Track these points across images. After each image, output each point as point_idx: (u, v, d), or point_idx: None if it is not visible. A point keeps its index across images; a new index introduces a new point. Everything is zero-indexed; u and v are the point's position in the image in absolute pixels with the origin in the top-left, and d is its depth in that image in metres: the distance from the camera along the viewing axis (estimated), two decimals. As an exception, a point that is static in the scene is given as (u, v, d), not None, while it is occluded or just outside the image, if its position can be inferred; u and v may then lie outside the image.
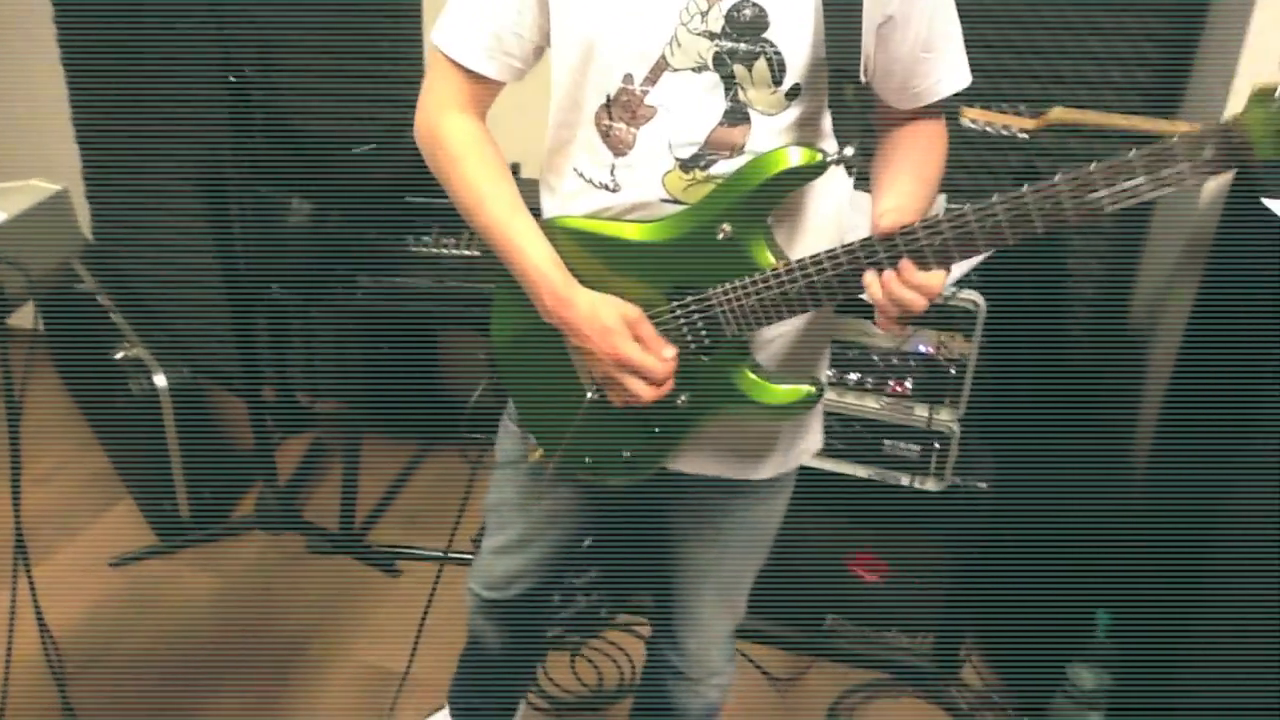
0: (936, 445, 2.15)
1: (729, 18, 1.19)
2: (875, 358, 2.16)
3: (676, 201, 1.25)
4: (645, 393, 1.27)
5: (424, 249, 2.63)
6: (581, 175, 1.31)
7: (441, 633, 2.49)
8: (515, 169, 2.66)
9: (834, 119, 1.22)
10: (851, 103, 1.20)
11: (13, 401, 1.79)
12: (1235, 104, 2.18)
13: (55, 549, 2.72)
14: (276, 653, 2.43)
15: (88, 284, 3.04)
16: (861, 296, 1.19)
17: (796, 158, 1.17)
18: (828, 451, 2.18)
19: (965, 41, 1.29)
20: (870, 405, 2.18)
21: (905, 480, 2.19)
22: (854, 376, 2.17)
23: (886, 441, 2.19)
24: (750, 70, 1.20)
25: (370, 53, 3.03)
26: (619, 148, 1.26)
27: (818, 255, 1.18)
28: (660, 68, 1.22)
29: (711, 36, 1.19)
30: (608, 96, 1.25)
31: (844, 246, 1.17)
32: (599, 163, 1.29)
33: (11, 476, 1.82)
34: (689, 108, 1.22)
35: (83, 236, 3.26)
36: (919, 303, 1.13)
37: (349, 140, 2.93)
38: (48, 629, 1.91)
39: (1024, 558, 2.32)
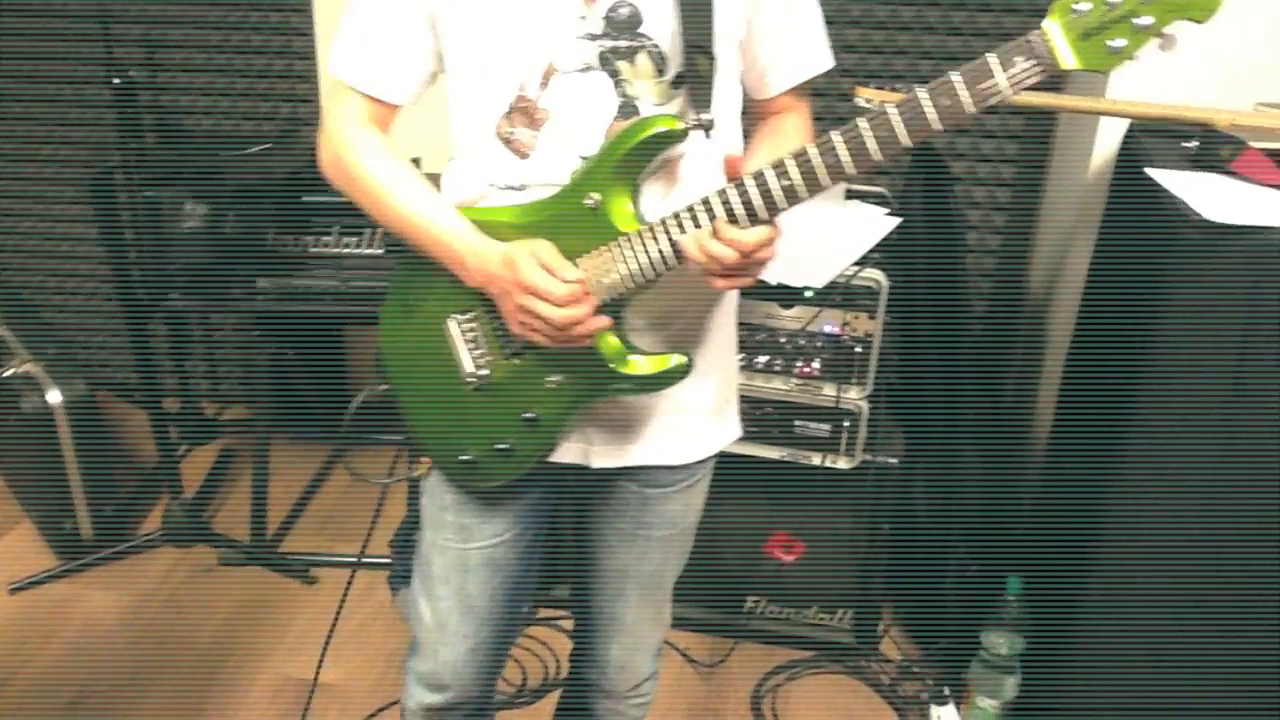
0: (846, 424, 2.18)
1: (607, 19, 1.23)
2: (783, 340, 2.17)
3: None
4: (552, 314, 1.22)
5: (326, 249, 2.58)
6: (487, 182, 1.33)
7: (361, 638, 2.46)
8: (415, 163, 2.62)
9: (690, 89, 1.24)
10: (706, 74, 1.24)
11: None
12: (1118, 74, 2.24)
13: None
14: (191, 669, 2.37)
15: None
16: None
17: (655, 125, 1.19)
18: (746, 436, 2.19)
19: (860, 19, 1.32)
20: (779, 387, 2.20)
21: (817, 460, 2.21)
22: (762, 359, 2.18)
23: (797, 422, 2.21)
24: (634, 64, 1.25)
25: (262, 49, 2.96)
26: (522, 152, 1.29)
27: (672, 215, 1.20)
28: (549, 73, 1.25)
29: (593, 37, 1.24)
30: (508, 106, 1.27)
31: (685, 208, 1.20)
32: (505, 169, 1.30)
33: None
34: (582, 108, 1.26)
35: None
36: (729, 256, 1.15)
37: (243, 140, 2.86)
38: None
39: (936, 529, 2.36)
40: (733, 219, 1.16)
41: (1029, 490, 2.42)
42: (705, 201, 1.17)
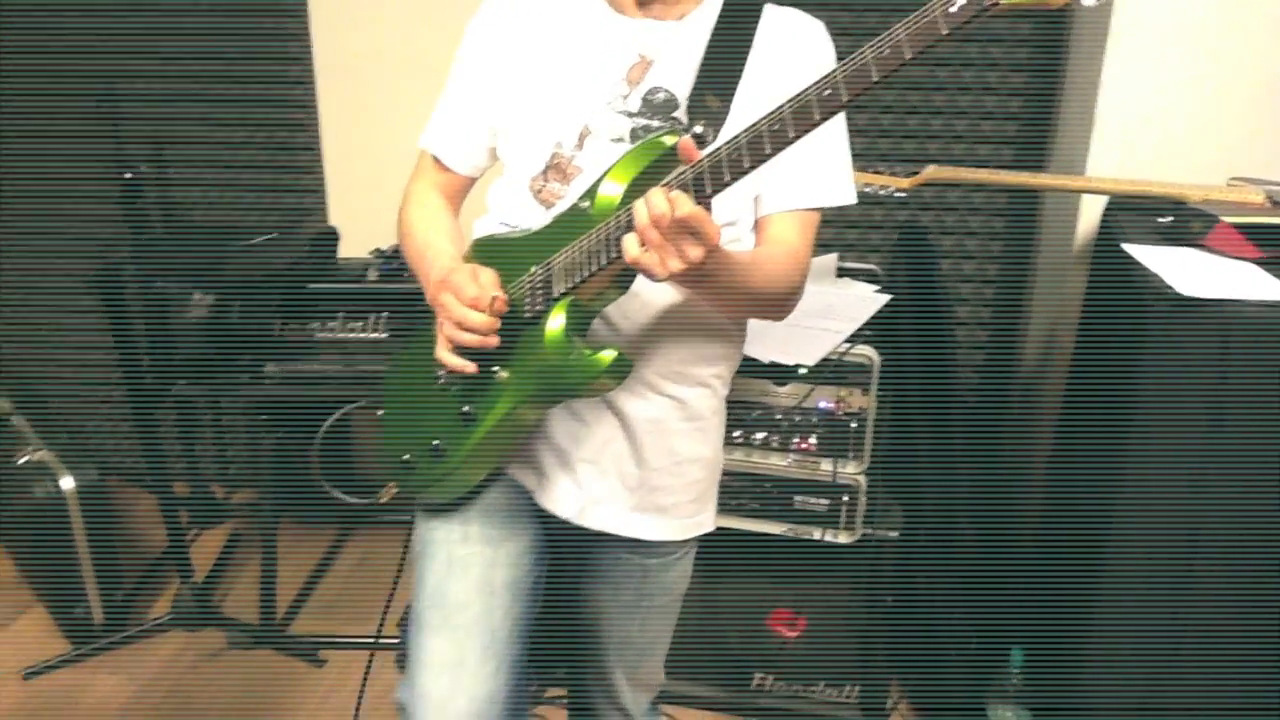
0: (845, 498, 2.20)
1: (645, 100, 1.35)
2: (779, 416, 2.21)
3: None
4: (451, 306, 1.28)
5: (331, 334, 2.63)
6: (508, 225, 1.42)
7: (369, 721, 2.46)
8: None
9: (689, 111, 1.31)
10: (717, 110, 1.29)
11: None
12: (1097, 151, 2.31)
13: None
14: (201, 755, 2.37)
15: (-13, 387, 2.98)
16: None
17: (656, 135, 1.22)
18: (740, 511, 2.23)
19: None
20: (777, 463, 2.23)
21: (817, 534, 2.23)
22: (760, 436, 2.22)
23: (796, 498, 2.23)
24: None
25: (265, 143, 3.05)
26: (550, 202, 1.38)
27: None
28: (584, 135, 1.36)
29: (630, 115, 1.35)
30: (544, 164, 1.38)
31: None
32: (531, 217, 1.39)
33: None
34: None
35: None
36: (664, 212, 1.10)
37: (247, 231, 2.93)
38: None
39: (938, 602, 2.37)
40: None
41: (1027, 560, 2.43)
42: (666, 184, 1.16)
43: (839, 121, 1.36)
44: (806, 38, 1.38)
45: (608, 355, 1.24)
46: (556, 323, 1.27)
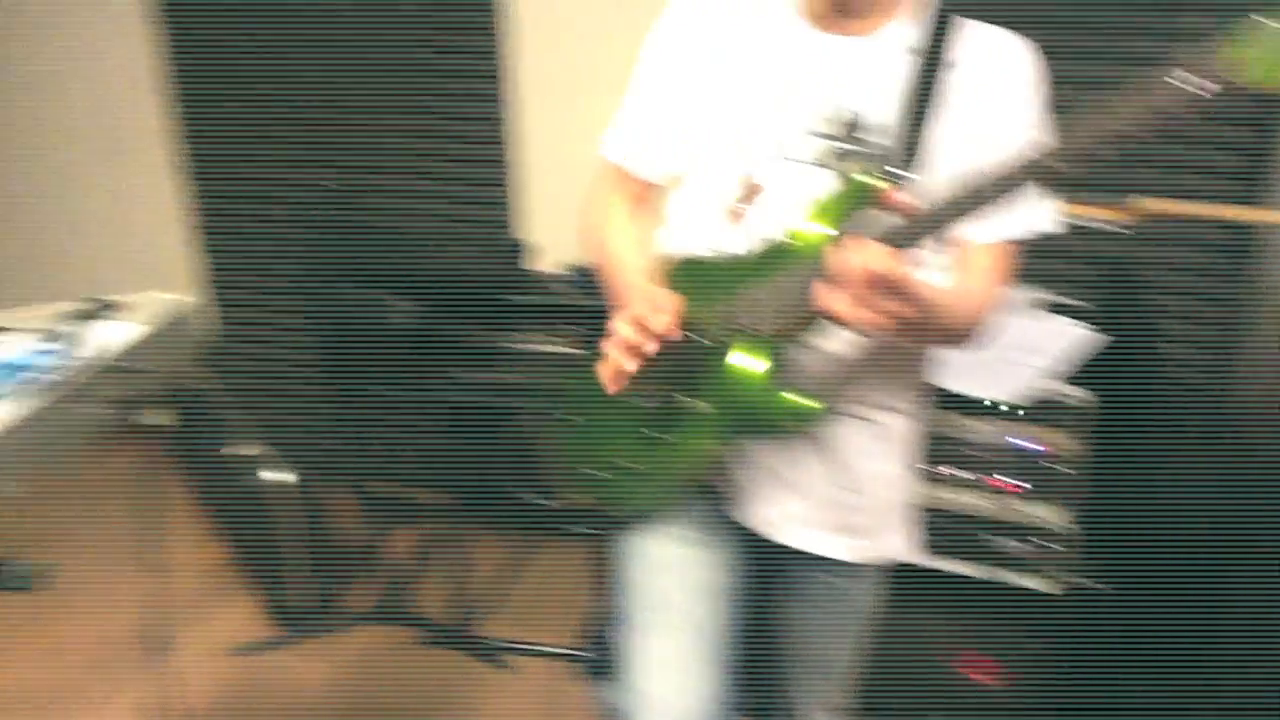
0: (1048, 544, 2.12)
1: (835, 121, 1.34)
2: (981, 454, 2.15)
3: None
4: (617, 322, 1.30)
5: (528, 346, 2.71)
6: (694, 243, 1.44)
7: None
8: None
9: (885, 138, 1.31)
10: (915, 138, 1.29)
11: (145, 497, 1.88)
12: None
13: (180, 640, 2.80)
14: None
15: (208, 384, 3.18)
16: None
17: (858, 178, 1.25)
18: (935, 549, 2.17)
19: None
20: (975, 502, 2.17)
21: (1020, 580, 2.15)
22: (961, 473, 2.16)
23: (995, 539, 2.16)
24: (853, 165, 1.32)
25: (461, 158, 3.17)
26: (736, 220, 1.39)
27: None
28: (774, 154, 1.36)
29: (820, 136, 1.34)
30: (732, 181, 1.39)
31: None
32: (715, 235, 1.41)
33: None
34: (798, 191, 1.33)
35: (200, 341, 3.42)
36: (851, 267, 1.09)
37: (441, 242, 3.03)
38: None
39: (1153, 664, 2.23)
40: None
41: (1249, 622, 2.28)
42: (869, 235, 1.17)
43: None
44: (1010, 61, 1.33)
45: (807, 404, 1.27)
46: (757, 364, 1.29)
